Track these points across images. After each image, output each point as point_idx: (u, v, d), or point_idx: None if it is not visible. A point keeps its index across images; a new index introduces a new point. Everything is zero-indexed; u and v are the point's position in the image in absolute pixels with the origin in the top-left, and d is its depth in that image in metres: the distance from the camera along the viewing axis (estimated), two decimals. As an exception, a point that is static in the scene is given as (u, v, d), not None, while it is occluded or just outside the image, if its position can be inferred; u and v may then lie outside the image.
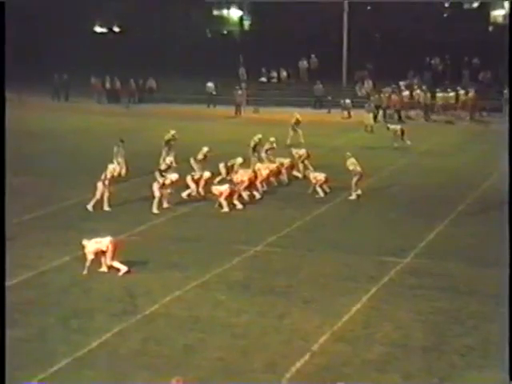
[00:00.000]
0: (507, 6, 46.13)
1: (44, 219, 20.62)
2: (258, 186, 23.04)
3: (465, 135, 35.47)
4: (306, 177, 24.17)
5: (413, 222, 20.31)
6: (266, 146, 26.43)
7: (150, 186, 21.47)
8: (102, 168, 21.84)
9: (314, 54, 47.54)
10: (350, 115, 40.75)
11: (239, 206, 21.53)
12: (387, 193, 23.71)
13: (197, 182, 22.63)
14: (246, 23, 57.18)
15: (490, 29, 50.14)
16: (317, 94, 44.20)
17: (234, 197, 21.56)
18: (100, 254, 16.12)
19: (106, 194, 21.15)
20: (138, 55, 48.25)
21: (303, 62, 47.85)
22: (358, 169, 22.70)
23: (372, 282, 15.81)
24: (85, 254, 16.18)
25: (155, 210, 21.07)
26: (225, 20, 58.65)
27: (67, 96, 48.10)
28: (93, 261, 16.12)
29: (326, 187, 23.01)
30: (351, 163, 22.83)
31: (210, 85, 45.44)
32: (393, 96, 40.25)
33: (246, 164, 24.11)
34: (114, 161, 24.54)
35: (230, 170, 23.48)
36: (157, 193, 21.23)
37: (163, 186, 21.34)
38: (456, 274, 16.37)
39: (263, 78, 48.03)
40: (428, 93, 40.62)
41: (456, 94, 40.39)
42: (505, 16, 47.74)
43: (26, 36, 47.31)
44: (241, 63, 47.46)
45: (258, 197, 22.72)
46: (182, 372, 11.59)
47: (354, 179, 22.63)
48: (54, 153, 30.25)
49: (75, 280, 15.93)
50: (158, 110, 43.00)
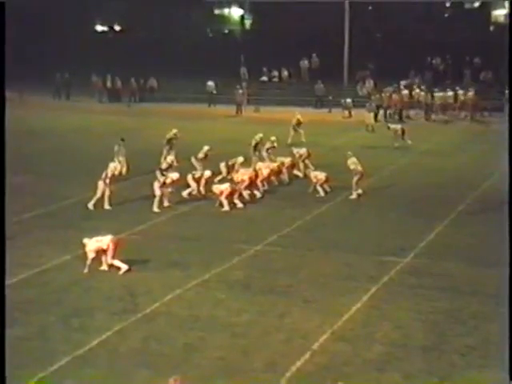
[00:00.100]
0: (508, 5, 46.08)
1: (45, 218, 20.60)
2: (258, 185, 23.01)
3: (465, 135, 35.43)
4: (306, 176, 24.11)
5: (413, 221, 20.28)
6: (267, 145, 26.40)
7: (151, 185, 21.47)
8: (102, 167, 21.82)
9: (315, 54, 47.48)
10: (350, 115, 40.69)
11: (240, 205, 21.51)
12: (388, 192, 23.66)
13: (197, 180, 22.60)
14: (247, 22, 57.06)
15: (491, 28, 50.10)
16: (318, 94, 44.16)
17: (235, 196, 21.54)
18: (101, 252, 16.11)
19: (107, 192, 21.13)
20: (138, 54, 48.31)
21: (304, 62, 47.79)
22: (359, 168, 22.67)
23: (372, 281, 15.78)
24: (85, 253, 16.16)
25: (156, 208, 21.06)
26: (226, 19, 58.60)
27: (68, 95, 48.12)
28: (93, 259, 16.11)
29: (326, 186, 22.98)
30: (352, 162, 22.80)
31: (211, 84, 45.38)
32: (394, 95, 40.24)
33: (246, 163, 24.10)
34: (115, 159, 24.55)
35: (230, 169, 23.47)
36: (157, 192, 21.22)
37: (164, 184, 21.34)
38: (456, 274, 16.35)
39: (264, 78, 47.97)
40: (428, 92, 40.60)
41: (455, 94, 40.32)
42: (506, 16, 47.66)
43: (27, 35, 47.34)
44: (242, 62, 47.43)
45: (258, 196, 22.69)
46: (182, 371, 11.56)
47: (355, 178, 22.60)
48: (55, 152, 30.24)
49: (76, 279, 15.91)
50: (158, 109, 42.97)
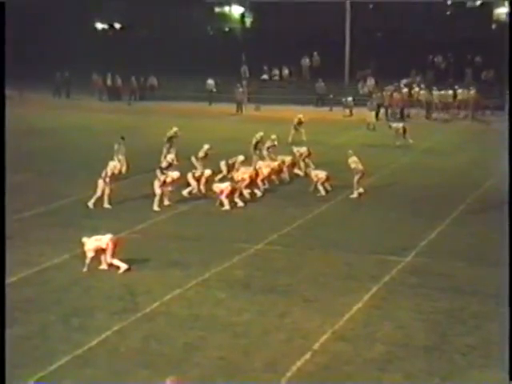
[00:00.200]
0: (508, 5, 45.96)
1: (44, 216, 20.55)
2: (259, 184, 22.97)
3: (467, 134, 35.35)
4: (307, 175, 24.05)
5: (414, 220, 20.21)
6: (268, 143, 26.34)
7: (151, 184, 21.42)
8: (102, 165, 21.78)
9: (316, 52, 47.34)
10: (351, 113, 40.61)
11: (240, 204, 21.46)
12: (389, 191, 23.59)
13: (198, 179, 22.56)
14: (248, 20, 57.01)
15: (493, 27, 49.96)
16: (319, 92, 44.07)
17: (235, 195, 21.49)
18: (100, 251, 16.05)
19: (107, 191, 21.06)
20: (139, 52, 48.23)
21: (305, 60, 47.69)
22: (360, 167, 22.62)
23: (373, 281, 15.71)
24: (85, 252, 16.10)
25: (156, 207, 21.01)
26: (226, 17, 58.48)
27: (68, 93, 48.06)
28: (93, 258, 16.05)
29: (327, 185, 22.92)
30: (353, 161, 22.76)
31: (210, 82, 45.29)
32: (395, 94, 40.16)
33: (247, 162, 24.09)
34: (115, 158, 24.50)
35: (231, 168, 23.45)
36: (157, 190, 21.17)
37: (164, 183, 21.29)
38: (457, 274, 16.27)
39: (265, 76, 47.88)
40: (427, 91, 40.49)
41: (454, 93, 40.25)
42: (508, 14, 47.54)
43: (27, 33, 47.24)
44: (243, 61, 47.32)
45: (259, 195, 22.64)
46: (182, 371, 11.58)
47: (356, 177, 22.56)
48: (55, 150, 30.20)
49: (75, 278, 15.85)
50: (159, 107, 42.94)
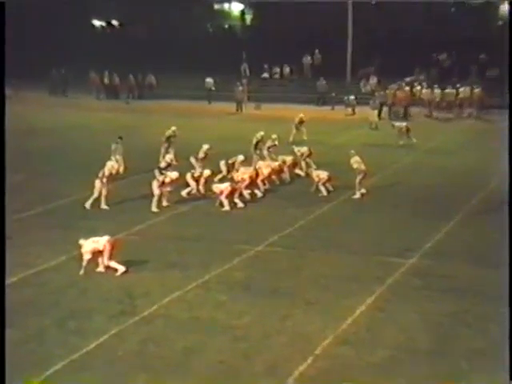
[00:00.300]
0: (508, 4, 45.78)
1: (41, 217, 20.44)
2: (259, 185, 22.83)
3: (470, 133, 35.17)
4: (308, 175, 23.91)
5: (418, 221, 20.04)
6: (268, 143, 26.22)
7: (149, 184, 21.30)
8: (100, 165, 21.66)
9: (317, 50, 47.09)
10: (354, 112, 40.44)
11: (240, 205, 21.32)
12: (392, 192, 23.44)
13: (197, 179, 22.44)
14: (248, 17, 56.88)
15: (499, 24, 49.59)
16: (320, 91, 43.83)
17: (235, 195, 21.37)
18: (97, 253, 15.89)
19: (104, 192, 20.93)
20: (137, 50, 47.98)
21: (307, 58, 47.47)
22: (362, 167, 22.47)
23: (376, 283, 15.56)
24: (82, 254, 15.93)
25: (154, 208, 20.88)
26: (226, 14, 58.37)
27: (65, 92, 47.78)
28: (90, 261, 15.92)
29: (329, 186, 22.78)
30: (355, 161, 22.61)
31: (209, 80, 45.08)
32: (398, 93, 39.91)
33: (247, 162, 23.98)
34: (113, 158, 24.40)
35: (230, 168, 23.35)
36: (156, 191, 21.04)
37: (163, 184, 21.17)
38: (462, 276, 16.12)
39: (265, 74, 47.68)
40: (428, 89, 40.30)
41: (456, 92, 40.07)
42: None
43: (22, 30, 46.73)
44: (244, 59, 47.08)
45: (259, 195, 22.50)
46: (181, 375, 11.55)
47: (358, 178, 22.42)
48: (52, 150, 30.07)
49: (73, 280, 15.73)
50: (157, 106, 42.86)
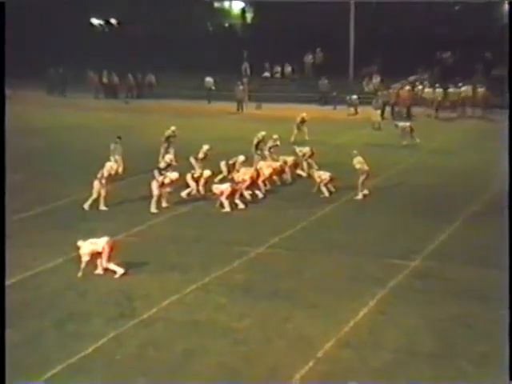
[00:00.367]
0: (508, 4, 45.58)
1: (39, 218, 20.35)
2: (260, 185, 22.72)
3: (474, 133, 35.04)
4: (310, 175, 23.82)
5: (422, 223, 19.89)
6: (269, 143, 26.13)
7: (149, 185, 21.19)
8: (99, 165, 21.58)
9: (319, 48, 46.90)
10: (356, 112, 40.30)
11: (241, 206, 21.22)
12: (395, 192, 23.31)
13: (197, 180, 22.35)
14: (249, 16, 56.78)
15: (505, 22, 49.33)
16: (322, 90, 43.71)
17: (236, 196, 21.28)
18: (95, 255, 15.77)
19: (103, 193, 20.83)
20: (136, 49, 47.87)
21: (308, 57, 47.32)
22: (365, 167, 22.37)
23: (379, 285, 15.44)
24: (80, 256, 15.81)
25: (154, 209, 20.78)
26: (226, 13, 58.28)
27: (63, 91, 47.62)
28: (88, 263, 15.80)
29: (331, 186, 22.68)
30: (358, 162, 22.52)
31: (209, 80, 44.96)
32: (401, 92, 39.73)
33: (248, 162, 23.87)
34: (111, 158, 24.31)
35: (231, 169, 23.26)
36: (156, 192, 20.94)
37: (162, 184, 21.07)
38: (467, 278, 15.98)
39: (266, 73, 47.57)
40: (431, 89, 40.18)
41: (458, 91, 39.95)
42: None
43: (20, 29, 46.51)
44: (245, 58, 46.91)
45: (260, 196, 22.40)
46: (181, 378, 11.49)
47: (361, 178, 22.31)
48: (50, 150, 30.02)
49: (71, 282, 15.62)
50: (157, 105, 42.78)
